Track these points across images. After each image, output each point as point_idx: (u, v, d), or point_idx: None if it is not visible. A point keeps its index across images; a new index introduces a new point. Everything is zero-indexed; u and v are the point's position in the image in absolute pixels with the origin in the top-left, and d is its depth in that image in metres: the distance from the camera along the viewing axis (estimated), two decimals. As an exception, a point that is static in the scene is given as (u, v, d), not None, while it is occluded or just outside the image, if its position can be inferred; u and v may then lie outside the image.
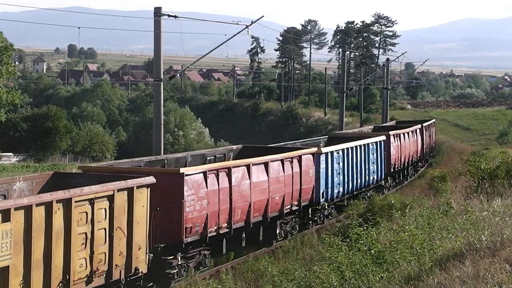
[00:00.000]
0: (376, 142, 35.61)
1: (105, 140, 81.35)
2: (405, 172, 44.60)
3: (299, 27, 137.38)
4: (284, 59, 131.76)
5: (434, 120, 60.57)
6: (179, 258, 19.86)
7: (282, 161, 25.43)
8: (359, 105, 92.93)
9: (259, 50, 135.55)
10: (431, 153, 56.24)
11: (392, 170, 39.35)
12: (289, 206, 26.21)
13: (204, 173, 20.71)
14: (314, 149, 28.49)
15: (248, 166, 23.15)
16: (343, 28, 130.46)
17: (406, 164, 43.81)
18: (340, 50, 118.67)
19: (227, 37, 30.26)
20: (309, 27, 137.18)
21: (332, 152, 29.97)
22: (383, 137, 36.85)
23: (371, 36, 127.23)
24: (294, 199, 26.49)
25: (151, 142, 30.31)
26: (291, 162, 26.14)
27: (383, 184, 37.41)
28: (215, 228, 21.30)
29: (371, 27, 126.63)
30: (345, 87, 56.42)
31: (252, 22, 31.01)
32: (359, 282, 14.13)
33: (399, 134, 41.46)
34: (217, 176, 21.35)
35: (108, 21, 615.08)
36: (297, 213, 27.31)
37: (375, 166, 35.43)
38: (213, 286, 17.88)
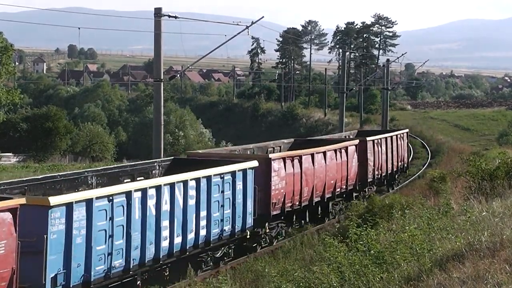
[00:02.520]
0: (233, 172, 22.65)
1: (105, 140, 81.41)
2: (319, 211, 30.73)
3: (299, 28, 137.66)
4: (284, 60, 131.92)
5: (405, 130, 45.82)
6: None
7: None
8: (359, 105, 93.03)
9: (259, 51, 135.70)
10: (397, 174, 43.09)
11: (277, 212, 26.09)
12: None
13: None
14: (18, 203, 13.96)
15: None
16: (343, 28, 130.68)
17: (318, 199, 29.90)
18: (340, 50, 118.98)
19: (227, 38, 30.27)
20: (309, 28, 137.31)
21: (88, 202, 16.84)
22: (254, 163, 23.82)
23: (371, 36, 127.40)
24: None
25: (151, 143, 30.32)
26: None
27: (257, 233, 25.10)
28: None
29: (371, 28, 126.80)
30: (345, 88, 56.46)
31: (252, 23, 31.04)
32: (359, 282, 14.14)
33: (299, 156, 27.79)
34: None
35: (108, 21, 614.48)
36: None
37: (232, 209, 22.79)
38: (213, 286, 17.89)
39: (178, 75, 73.36)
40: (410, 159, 60.44)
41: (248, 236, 23.75)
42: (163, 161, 24.29)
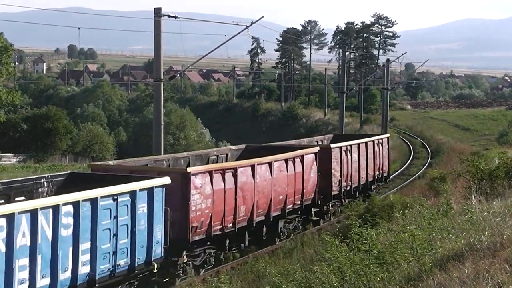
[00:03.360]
0: (132, 192, 17.73)
1: (105, 140, 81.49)
2: (264, 231, 25.51)
3: (299, 28, 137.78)
4: (284, 60, 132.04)
5: (385, 135, 40.97)
6: None
7: None
8: (359, 105, 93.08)
9: (259, 51, 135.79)
10: (373, 184, 37.33)
11: (200, 237, 21.42)
12: None
13: None
14: None
15: None
16: (343, 28, 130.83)
17: (262, 218, 24.82)
18: (340, 50, 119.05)
19: (227, 38, 30.25)
20: (309, 28, 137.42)
21: None
22: (163, 180, 18.89)
23: (371, 36, 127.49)
24: None
25: (151, 143, 30.30)
26: None
27: (173, 264, 20.71)
28: None
29: (371, 28, 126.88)
30: (345, 88, 56.41)
31: (252, 23, 30.99)
32: (359, 282, 14.14)
33: (233, 169, 22.77)
34: None
35: (108, 21, 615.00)
36: None
37: (130, 238, 17.77)
38: (213, 286, 17.89)
39: (178, 75, 73.32)
40: (410, 159, 60.56)
41: (155, 270, 18.79)
42: (54, 177, 19.18)
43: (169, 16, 28.79)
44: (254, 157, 25.23)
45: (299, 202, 27.53)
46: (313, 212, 29.40)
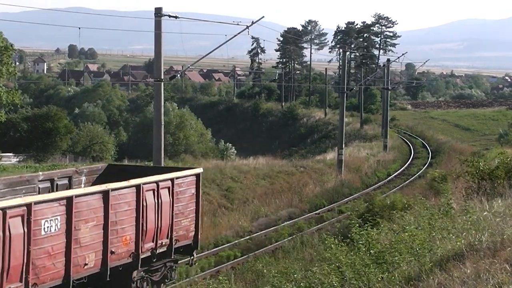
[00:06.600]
0: None
1: (105, 140, 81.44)
2: None
3: (300, 28, 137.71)
4: (284, 60, 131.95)
5: (190, 172, 18.99)
6: None
7: None
8: (359, 105, 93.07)
9: (259, 51, 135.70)
10: (136, 269, 17.01)
11: None
12: None
13: None
14: None
15: None
16: (343, 28, 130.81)
17: None
18: (341, 50, 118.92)
19: (227, 38, 30.21)
20: (309, 28, 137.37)
21: None
22: None
23: (372, 36, 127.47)
24: None
25: (151, 143, 30.28)
26: None
27: None
28: None
29: (371, 28, 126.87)
30: (345, 88, 56.31)
31: (253, 23, 30.94)
32: (359, 282, 14.12)
33: None
34: None
35: (108, 21, 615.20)
36: None
37: None
38: (213, 286, 17.88)
39: (179, 75, 73.23)
40: (410, 159, 60.49)
41: None
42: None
43: (170, 16, 28.77)
44: None
45: None
46: None
